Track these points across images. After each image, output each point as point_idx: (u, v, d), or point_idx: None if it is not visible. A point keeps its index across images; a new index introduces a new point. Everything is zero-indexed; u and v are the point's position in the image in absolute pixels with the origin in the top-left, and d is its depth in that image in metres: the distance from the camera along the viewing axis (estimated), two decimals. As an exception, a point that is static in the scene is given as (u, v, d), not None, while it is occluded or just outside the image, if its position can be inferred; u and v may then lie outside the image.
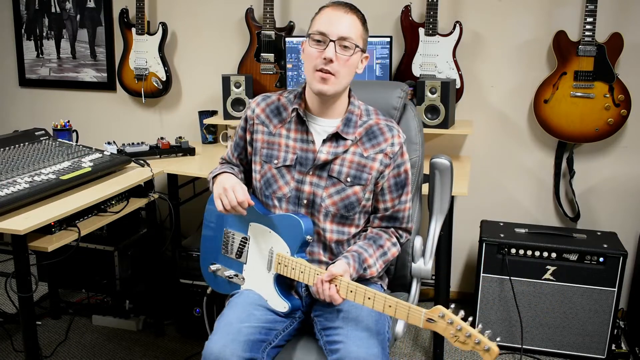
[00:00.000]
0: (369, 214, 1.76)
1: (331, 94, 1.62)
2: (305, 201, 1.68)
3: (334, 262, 1.60)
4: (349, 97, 1.72)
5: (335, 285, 1.51)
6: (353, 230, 1.72)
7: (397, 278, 1.92)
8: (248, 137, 1.78)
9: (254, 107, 1.76)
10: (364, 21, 1.65)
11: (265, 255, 1.69)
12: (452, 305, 1.36)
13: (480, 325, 1.31)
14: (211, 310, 2.53)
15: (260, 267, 1.70)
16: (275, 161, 1.71)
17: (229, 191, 1.62)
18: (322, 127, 1.70)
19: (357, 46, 1.61)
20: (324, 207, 1.68)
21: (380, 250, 1.69)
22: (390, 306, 1.44)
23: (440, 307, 1.35)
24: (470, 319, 1.33)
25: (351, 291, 1.49)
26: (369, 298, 1.46)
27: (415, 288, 1.89)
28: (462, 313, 1.33)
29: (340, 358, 1.48)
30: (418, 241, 1.90)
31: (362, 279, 1.67)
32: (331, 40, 1.58)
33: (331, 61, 1.57)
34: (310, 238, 1.63)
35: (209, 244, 1.88)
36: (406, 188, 1.74)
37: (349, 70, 1.62)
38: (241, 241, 1.75)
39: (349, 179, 1.67)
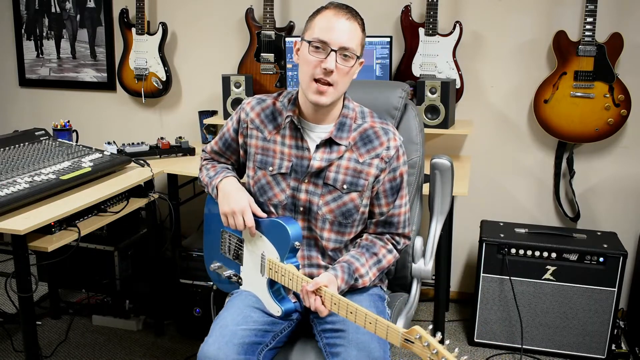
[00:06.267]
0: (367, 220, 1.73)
1: (328, 105, 1.59)
2: (301, 208, 1.65)
3: (321, 273, 1.57)
4: (344, 99, 1.68)
5: (320, 297, 1.47)
6: (351, 237, 1.70)
7: (397, 279, 1.92)
8: (241, 141, 1.74)
9: (248, 110, 1.71)
10: (363, 27, 1.59)
11: (258, 259, 1.67)
12: (430, 327, 1.31)
13: (457, 350, 1.27)
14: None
15: (254, 270, 1.68)
16: (270, 168, 1.67)
17: (238, 216, 1.63)
18: (316, 133, 1.66)
19: (357, 57, 1.57)
20: (321, 215, 1.64)
21: (374, 258, 1.66)
22: (370, 323, 1.40)
23: (417, 327, 1.30)
24: (448, 342, 1.29)
25: (335, 304, 1.46)
26: (351, 312, 1.43)
27: (415, 288, 1.88)
28: (439, 335, 1.29)
29: None
30: (418, 242, 1.88)
31: (355, 289, 1.64)
32: (332, 50, 1.52)
33: (331, 72, 1.53)
34: (299, 244, 1.59)
35: (209, 242, 1.88)
36: (401, 192, 1.69)
37: (347, 80, 1.59)
38: (237, 243, 1.74)
39: (345, 186, 1.63)
